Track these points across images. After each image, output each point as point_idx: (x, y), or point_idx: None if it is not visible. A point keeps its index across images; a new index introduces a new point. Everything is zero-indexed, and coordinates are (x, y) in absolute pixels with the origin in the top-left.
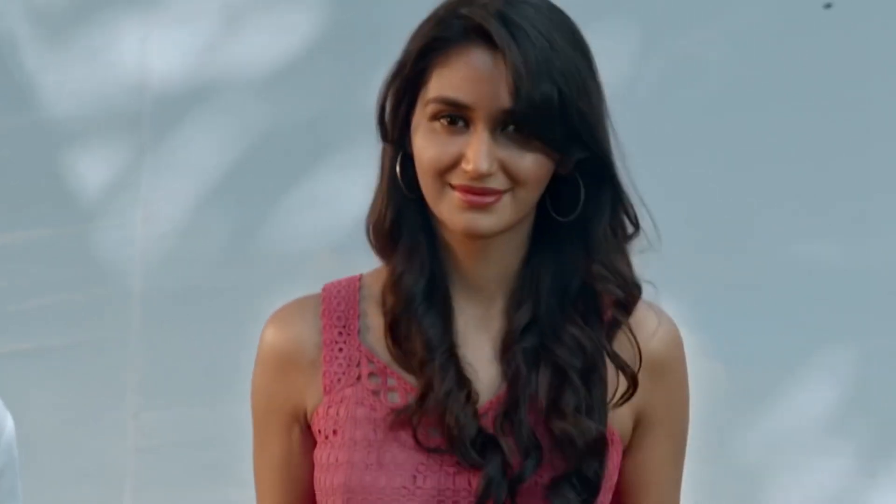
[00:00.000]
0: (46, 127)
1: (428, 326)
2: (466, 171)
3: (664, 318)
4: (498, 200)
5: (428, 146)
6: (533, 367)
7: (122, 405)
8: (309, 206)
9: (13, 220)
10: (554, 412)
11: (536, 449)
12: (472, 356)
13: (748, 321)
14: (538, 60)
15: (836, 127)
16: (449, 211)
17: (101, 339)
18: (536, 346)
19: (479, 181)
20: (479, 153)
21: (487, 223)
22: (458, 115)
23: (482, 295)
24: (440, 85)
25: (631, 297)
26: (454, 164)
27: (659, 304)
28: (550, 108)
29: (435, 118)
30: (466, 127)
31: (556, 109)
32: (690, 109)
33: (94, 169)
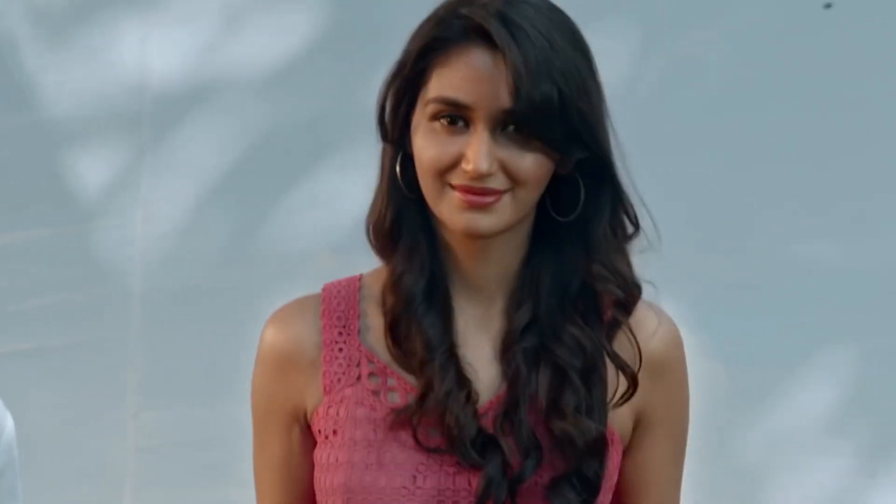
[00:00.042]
0: (46, 127)
1: (428, 326)
2: (466, 171)
3: (664, 318)
4: (498, 200)
5: (428, 146)
6: (533, 367)
7: (122, 405)
8: (309, 206)
9: (13, 220)
10: (554, 412)
11: (536, 449)
12: (472, 356)
13: (748, 321)
14: (538, 60)
15: (836, 127)
16: (449, 211)
17: (101, 339)
18: (536, 346)
19: (479, 181)
20: (478, 153)
21: (487, 223)
22: (458, 115)
23: (482, 295)
24: (440, 85)
25: (631, 297)
26: (454, 164)
27: (659, 304)
28: (550, 108)
29: (435, 118)
30: (466, 127)
31: (556, 109)
32: (690, 109)
33: (94, 169)
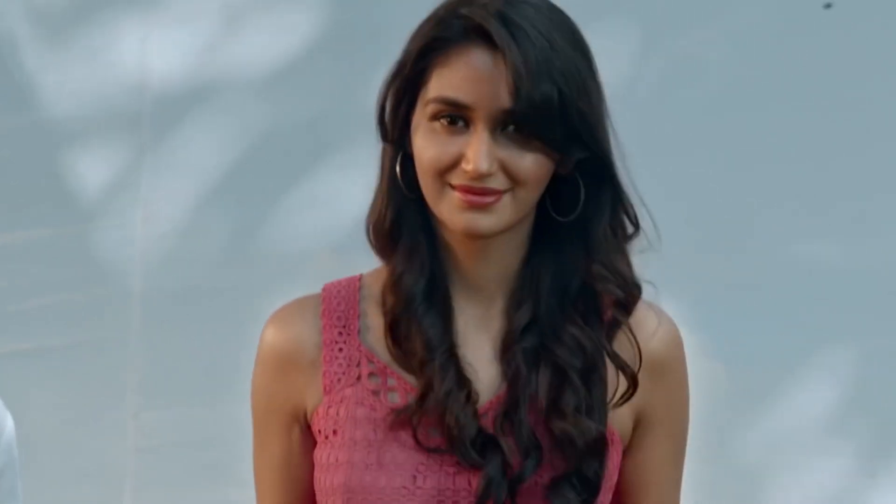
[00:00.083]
0: (46, 127)
1: (428, 326)
2: (466, 171)
3: (664, 318)
4: (498, 200)
5: (428, 146)
6: (533, 367)
7: (122, 405)
8: (309, 206)
9: (13, 220)
10: (554, 412)
11: (536, 449)
12: (472, 356)
13: (748, 321)
14: (538, 60)
15: (836, 127)
16: (449, 211)
17: (101, 339)
18: (536, 346)
19: (479, 181)
20: (478, 153)
21: (487, 223)
22: (458, 115)
23: (482, 295)
24: (440, 85)
25: (631, 297)
26: (454, 164)
27: (659, 304)
28: (550, 108)
29: (435, 118)
30: (466, 127)
31: (556, 109)
32: (690, 109)
33: (94, 169)
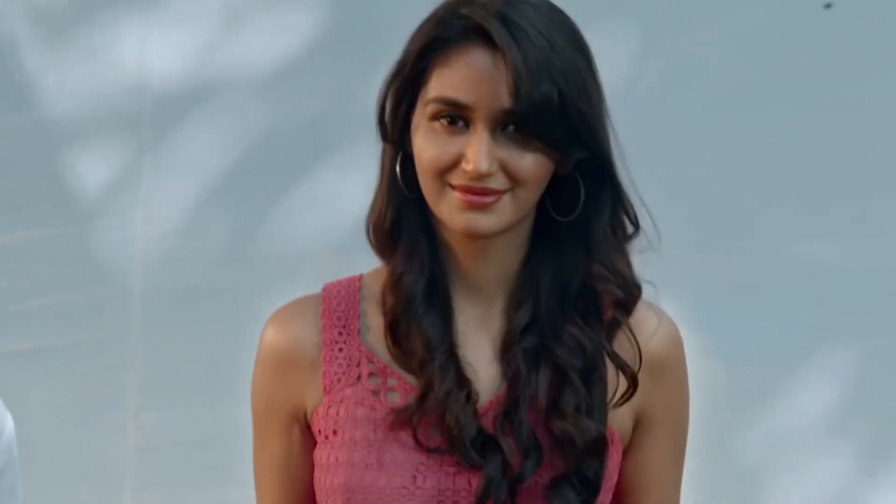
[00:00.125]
0: (46, 127)
1: (428, 326)
2: (466, 171)
3: (664, 318)
4: (498, 200)
5: (428, 146)
6: (533, 366)
7: (122, 405)
8: (309, 206)
9: (13, 220)
10: (554, 412)
11: (536, 449)
12: (472, 356)
13: (748, 321)
14: (538, 60)
15: (836, 127)
16: (449, 211)
17: (101, 339)
18: (536, 346)
19: (479, 181)
20: (479, 153)
21: (487, 223)
22: (458, 115)
23: (482, 295)
24: (440, 85)
25: (631, 297)
26: (454, 163)
27: (659, 304)
28: (550, 107)
29: (435, 118)
30: (466, 127)
31: (555, 109)
32: (690, 109)
33: (94, 169)
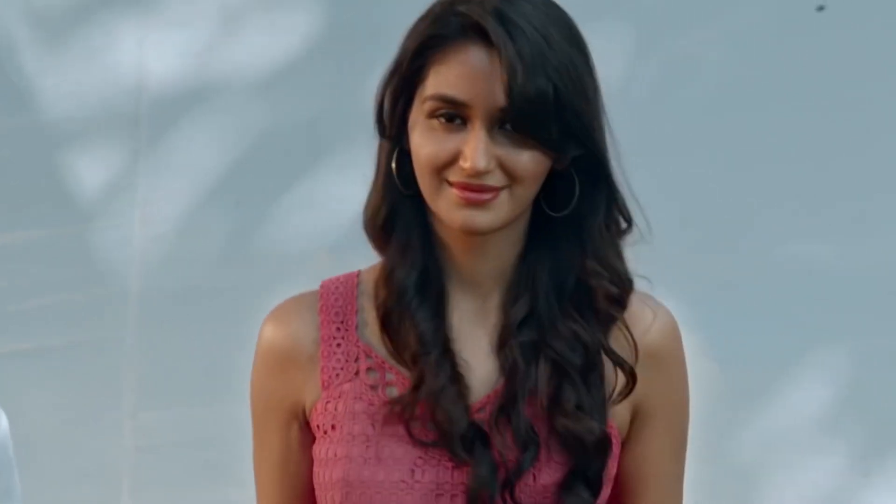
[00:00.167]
0: (45, 128)
1: (421, 320)
2: (464, 168)
3: (660, 310)
4: (495, 197)
5: (425, 143)
6: (531, 361)
7: (120, 405)
8: (307, 206)
9: (12, 220)
10: (555, 408)
11: (534, 443)
12: (468, 351)
13: (744, 321)
14: (533, 56)
15: (832, 127)
16: (446, 208)
17: (99, 339)
18: (534, 340)
19: (476, 178)
20: (476, 151)
21: (485, 220)
22: (455, 112)
23: (478, 290)
24: (437, 82)
25: (625, 292)
26: (452, 161)
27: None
28: (545, 103)
29: (432, 115)
30: (464, 124)
31: (551, 105)
32: (687, 109)
33: (92, 170)
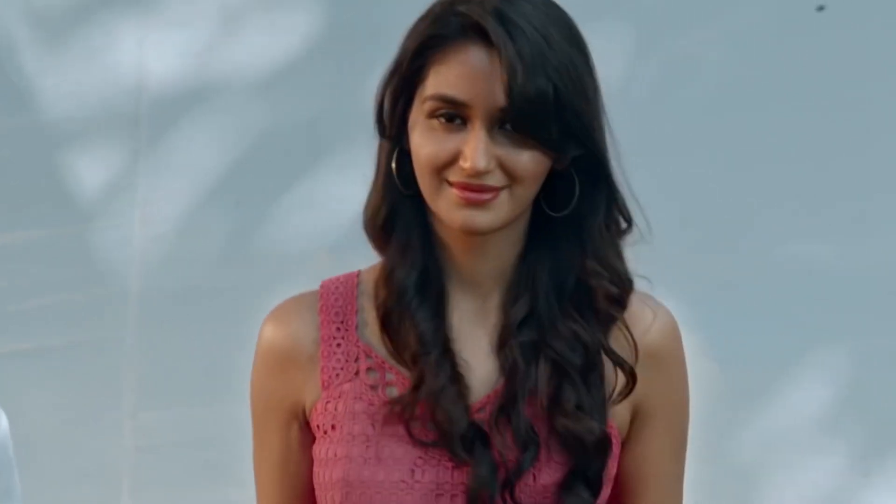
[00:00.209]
0: (45, 128)
1: (421, 320)
2: (464, 168)
3: (660, 310)
4: (495, 197)
5: (425, 143)
6: (531, 361)
7: (120, 405)
8: (307, 206)
9: (12, 220)
10: (555, 408)
11: (534, 443)
12: (468, 351)
13: (744, 321)
14: (533, 56)
15: (833, 127)
16: (447, 208)
17: (99, 339)
18: (534, 340)
19: (476, 178)
20: (476, 151)
21: (485, 220)
22: (455, 112)
23: (478, 290)
24: (437, 82)
25: (625, 292)
26: (452, 161)
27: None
28: (545, 103)
29: (432, 115)
30: (464, 124)
31: (551, 105)
32: (687, 109)
33: (92, 170)
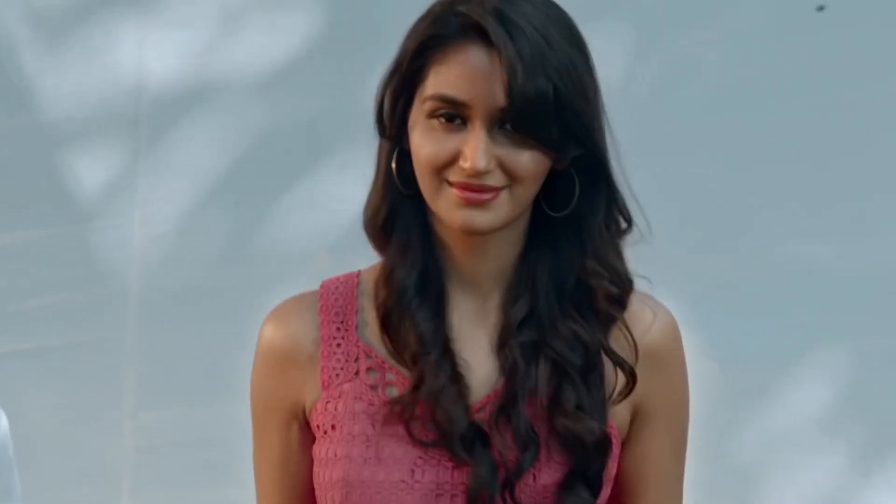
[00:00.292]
0: (45, 128)
1: (421, 320)
2: (464, 168)
3: (660, 310)
4: (495, 197)
5: (425, 143)
6: (532, 361)
7: (120, 405)
8: (307, 206)
9: (12, 220)
10: (555, 408)
11: (534, 443)
12: (468, 351)
13: (744, 321)
14: (533, 55)
15: (833, 127)
16: (447, 208)
17: (99, 339)
18: (534, 340)
19: (476, 178)
20: (476, 151)
21: (485, 220)
22: (455, 112)
23: (478, 290)
24: (437, 82)
25: (625, 292)
26: (452, 161)
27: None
28: (545, 102)
29: (432, 115)
30: (464, 124)
31: (551, 105)
32: (687, 109)
33: (92, 170)
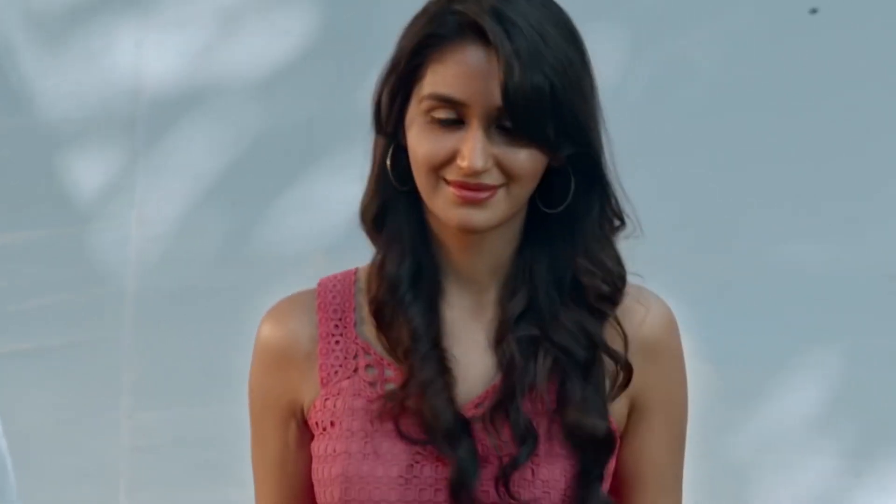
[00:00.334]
0: (43, 129)
1: (414, 315)
2: (461, 167)
3: (655, 303)
4: (492, 196)
5: (423, 142)
6: (530, 355)
7: (118, 405)
8: (304, 207)
9: (10, 220)
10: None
11: (532, 437)
12: (464, 347)
13: (741, 321)
14: (530, 52)
15: (829, 128)
16: (443, 206)
17: (97, 339)
18: (533, 335)
19: (473, 177)
20: (473, 150)
21: (482, 218)
22: (452, 111)
23: (474, 286)
24: (434, 82)
25: (617, 290)
26: (449, 159)
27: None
28: (542, 99)
29: (429, 114)
30: (461, 123)
31: (547, 102)
32: (684, 110)
33: (89, 171)
